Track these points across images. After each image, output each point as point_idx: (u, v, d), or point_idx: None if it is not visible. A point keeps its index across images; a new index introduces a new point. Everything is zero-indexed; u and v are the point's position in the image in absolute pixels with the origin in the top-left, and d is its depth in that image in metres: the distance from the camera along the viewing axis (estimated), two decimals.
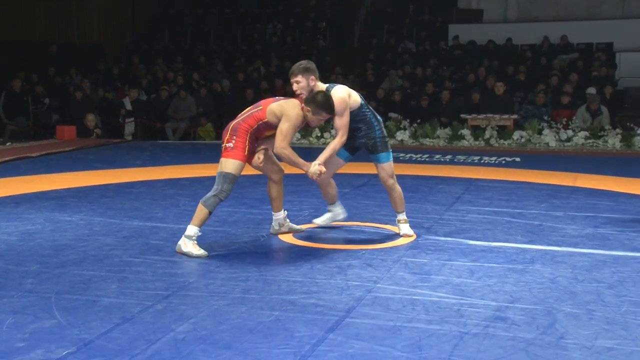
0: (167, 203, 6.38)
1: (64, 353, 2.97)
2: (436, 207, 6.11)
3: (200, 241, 4.93)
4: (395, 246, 4.86)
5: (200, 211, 4.61)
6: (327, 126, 12.37)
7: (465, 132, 11.70)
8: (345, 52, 17.60)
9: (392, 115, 12.74)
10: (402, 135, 11.94)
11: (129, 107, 13.27)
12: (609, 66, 14.62)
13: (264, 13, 19.13)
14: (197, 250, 4.56)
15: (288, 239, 5.05)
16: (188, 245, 4.58)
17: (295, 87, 4.79)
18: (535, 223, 5.55)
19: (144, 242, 4.93)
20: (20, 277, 4.07)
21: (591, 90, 12.67)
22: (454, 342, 3.10)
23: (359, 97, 4.93)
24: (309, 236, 5.13)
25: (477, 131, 11.71)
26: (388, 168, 5.00)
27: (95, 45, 18.01)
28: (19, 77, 13.49)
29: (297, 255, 4.63)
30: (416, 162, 9.56)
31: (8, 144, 11.17)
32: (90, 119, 12.37)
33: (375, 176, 5.23)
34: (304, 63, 4.85)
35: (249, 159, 4.76)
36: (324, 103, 4.67)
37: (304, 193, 6.84)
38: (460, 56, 15.75)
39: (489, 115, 11.87)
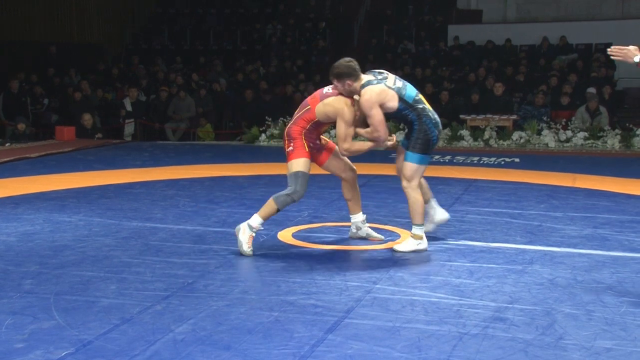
0: (167, 204, 6.38)
1: (63, 354, 2.97)
2: None
3: (200, 241, 4.94)
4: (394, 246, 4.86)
5: (269, 206, 4.62)
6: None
7: (465, 132, 11.70)
8: (344, 53, 17.58)
9: None
10: (401, 136, 11.89)
11: (128, 107, 13.27)
12: (608, 67, 14.63)
13: (264, 13, 19.14)
14: (247, 247, 4.57)
15: (287, 239, 5.05)
16: (246, 234, 4.59)
17: (335, 89, 4.68)
18: (534, 224, 5.55)
19: (144, 242, 4.93)
20: (20, 278, 4.07)
21: (591, 89, 12.69)
22: (453, 343, 3.10)
23: (396, 100, 4.58)
24: (307, 237, 5.13)
25: (476, 132, 11.70)
26: (408, 169, 4.66)
27: (95, 46, 18.02)
28: (17, 78, 13.48)
29: (296, 256, 4.62)
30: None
31: (7, 144, 11.16)
32: (87, 119, 12.35)
33: (376, 176, 5.21)
34: (339, 66, 4.62)
35: (314, 157, 4.77)
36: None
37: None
38: (460, 57, 15.77)
39: (488, 115, 11.86)
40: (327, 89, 4.75)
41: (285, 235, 5.16)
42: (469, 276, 4.13)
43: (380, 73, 4.72)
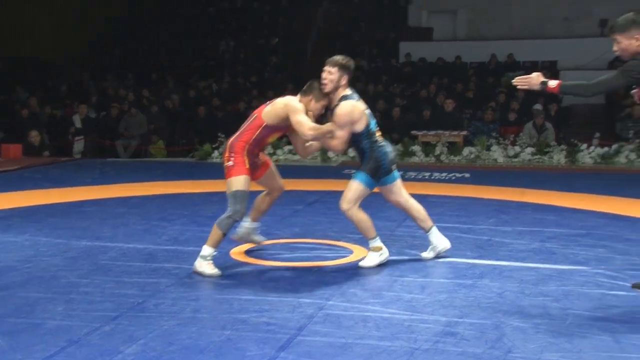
0: (117, 222, 6.28)
1: None
2: (387, 224, 6.15)
3: (151, 259, 4.87)
4: (347, 263, 4.87)
5: (215, 233, 4.58)
6: (280, 143, 12.39)
7: (416, 148, 11.84)
8: (297, 69, 17.66)
9: None
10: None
11: (78, 124, 13.05)
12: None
13: (217, 29, 19.09)
14: (211, 270, 4.53)
15: (240, 257, 5.02)
16: (202, 265, 4.56)
17: (325, 75, 4.67)
18: (484, 238, 5.64)
19: (93, 262, 4.83)
20: None
21: (537, 106, 13.00)
22: (404, 358, 3.12)
23: (363, 124, 4.63)
24: (260, 254, 5.11)
25: (427, 147, 11.86)
26: (353, 189, 4.65)
27: (44, 62, 17.68)
28: None
29: (249, 273, 4.60)
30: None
31: None
32: (34, 135, 12.11)
33: (328, 192, 5.22)
34: (346, 59, 4.72)
35: (252, 173, 4.71)
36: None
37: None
38: (411, 73, 15.98)
39: (439, 131, 12.04)
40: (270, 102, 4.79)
41: (238, 253, 5.13)
42: (420, 291, 4.16)
43: (354, 93, 4.75)
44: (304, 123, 4.49)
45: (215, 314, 3.74)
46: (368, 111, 4.73)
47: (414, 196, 4.84)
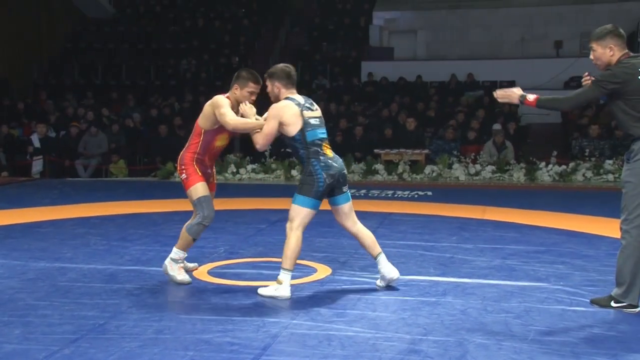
0: (77, 242, 6.17)
1: None
2: (351, 242, 6.13)
3: (112, 280, 4.80)
4: (311, 281, 4.86)
5: (184, 237, 4.72)
6: (243, 162, 12.36)
7: (379, 166, 11.93)
8: (260, 88, 17.69)
9: None
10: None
11: (36, 144, 12.85)
12: (512, 103, 15.26)
13: (178, 49, 19.03)
14: (181, 276, 4.67)
15: (203, 276, 4.98)
16: (174, 268, 4.70)
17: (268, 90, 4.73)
18: (446, 255, 5.69)
19: (51, 283, 4.74)
20: None
21: (496, 125, 13.23)
22: None
23: (295, 129, 4.45)
24: (223, 273, 5.07)
25: (390, 166, 11.95)
26: (292, 210, 4.48)
27: (0, 80, 17.38)
28: None
29: (212, 292, 4.56)
30: None
31: None
32: None
33: None
34: (275, 67, 4.71)
35: (206, 181, 4.82)
36: (246, 73, 4.81)
37: (220, 230, 6.78)
38: (373, 92, 16.12)
39: (402, 150, 12.15)
40: None
41: (201, 272, 5.08)
42: (384, 309, 4.17)
43: (311, 104, 4.65)
44: (226, 114, 4.62)
45: (178, 334, 3.69)
46: (317, 122, 4.55)
47: (378, 214, 4.89)
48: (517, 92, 4.40)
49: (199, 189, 4.71)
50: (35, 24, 18.80)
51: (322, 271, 5.12)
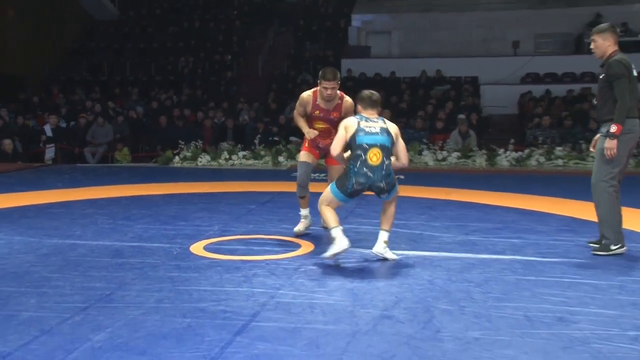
0: (86, 222, 6.13)
1: None
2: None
3: (117, 255, 4.78)
4: (296, 256, 4.87)
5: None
6: (235, 149, 12.31)
7: None
8: (251, 83, 17.60)
9: (293, 139, 12.84)
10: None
11: (49, 133, 12.71)
12: (475, 96, 15.33)
13: (177, 47, 18.86)
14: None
15: (199, 251, 4.97)
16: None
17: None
18: (416, 232, 5.71)
19: (63, 258, 4.71)
20: None
21: (461, 115, 13.26)
22: (347, 340, 3.14)
23: (349, 134, 4.57)
24: (218, 249, 5.07)
25: None
26: (324, 192, 4.73)
27: (16, 76, 17.17)
28: None
29: (207, 266, 4.56)
30: (316, 180, 9.64)
31: None
32: (7, 144, 11.77)
33: (279, 193, 5.20)
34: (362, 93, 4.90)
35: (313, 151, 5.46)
36: (321, 72, 5.23)
37: (214, 210, 6.77)
38: (352, 87, 16.07)
39: None
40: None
41: (198, 248, 5.07)
42: (361, 280, 4.19)
43: (375, 118, 4.73)
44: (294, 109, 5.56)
45: (176, 303, 3.69)
46: (372, 129, 4.57)
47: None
48: (613, 143, 4.64)
49: (300, 156, 5.49)
50: (47, 27, 18.55)
51: (306, 247, 5.13)
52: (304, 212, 5.56)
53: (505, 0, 18.60)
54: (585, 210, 6.67)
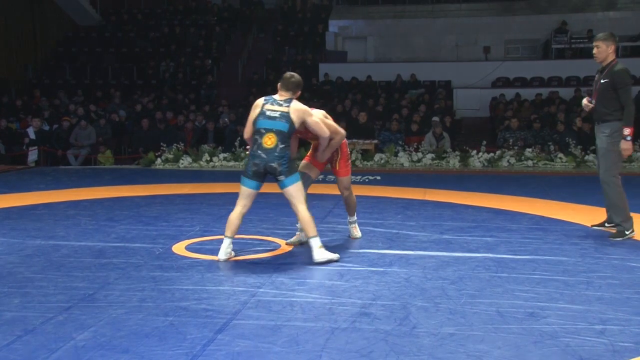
0: (69, 223, 6.05)
1: None
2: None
3: (100, 255, 4.71)
4: (276, 255, 4.85)
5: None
6: (216, 151, 12.24)
7: None
8: (231, 86, 17.52)
9: None
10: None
11: (32, 136, 12.51)
12: (448, 100, 15.43)
13: (158, 52, 18.70)
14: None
15: (181, 251, 4.93)
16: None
17: None
18: (393, 231, 5.72)
19: (46, 259, 4.64)
20: None
21: (435, 118, 13.33)
22: (326, 337, 3.13)
23: (252, 117, 4.76)
24: (199, 249, 5.03)
25: None
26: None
27: None
28: None
29: (189, 266, 4.52)
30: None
31: None
32: None
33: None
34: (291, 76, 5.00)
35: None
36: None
37: (195, 211, 6.71)
38: (330, 90, 16.09)
39: (354, 140, 12.15)
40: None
41: (179, 248, 5.03)
42: (339, 278, 4.19)
43: (283, 100, 4.88)
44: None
45: (159, 302, 3.65)
46: (270, 114, 4.71)
47: (333, 197, 4.89)
48: (629, 144, 5.03)
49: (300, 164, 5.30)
50: (30, 31, 18.28)
51: (285, 247, 5.11)
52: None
53: (476, 8, 18.77)
54: (554, 210, 6.74)
